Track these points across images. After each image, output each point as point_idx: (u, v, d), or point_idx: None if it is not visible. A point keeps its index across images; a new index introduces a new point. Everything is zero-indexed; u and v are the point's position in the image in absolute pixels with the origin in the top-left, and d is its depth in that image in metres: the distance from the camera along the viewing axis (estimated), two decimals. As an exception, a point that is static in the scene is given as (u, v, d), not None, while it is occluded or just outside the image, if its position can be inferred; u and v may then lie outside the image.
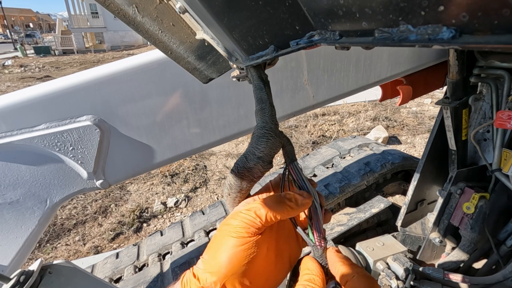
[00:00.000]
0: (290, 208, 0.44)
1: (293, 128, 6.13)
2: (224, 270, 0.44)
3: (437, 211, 1.37)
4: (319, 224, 0.46)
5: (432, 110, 6.74)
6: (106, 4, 0.50)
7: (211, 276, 0.44)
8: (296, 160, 0.49)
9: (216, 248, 0.46)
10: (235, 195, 0.50)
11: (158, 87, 0.98)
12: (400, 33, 0.22)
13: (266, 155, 0.45)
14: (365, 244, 1.49)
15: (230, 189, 0.50)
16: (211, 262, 0.45)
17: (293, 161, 0.48)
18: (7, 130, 0.85)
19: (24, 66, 16.11)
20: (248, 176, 0.47)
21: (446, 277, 1.18)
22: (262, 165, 0.45)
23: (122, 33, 26.90)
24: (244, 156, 0.47)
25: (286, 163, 0.50)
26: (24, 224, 0.91)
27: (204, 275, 0.45)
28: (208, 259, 0.46)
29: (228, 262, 0.43)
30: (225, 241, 0.45)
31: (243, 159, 0.47)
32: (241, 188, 0.49)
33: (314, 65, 1.18)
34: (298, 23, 0.32)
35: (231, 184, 0.49)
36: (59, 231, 3.68)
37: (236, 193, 0.50)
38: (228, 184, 0.50)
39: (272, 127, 0.45)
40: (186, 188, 4.40)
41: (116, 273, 1.69)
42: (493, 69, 1.13)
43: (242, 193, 0.50)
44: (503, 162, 1.15)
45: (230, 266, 0.43)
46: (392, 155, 2.18)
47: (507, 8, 0.15)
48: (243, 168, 0.46)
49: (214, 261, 0.45)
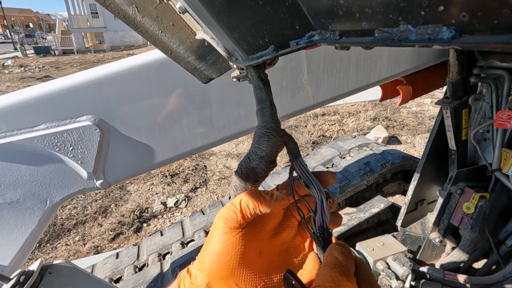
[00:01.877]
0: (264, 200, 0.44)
1: (293, 128, 6.13)
2: (208, 268, 0.44)
3: (437, 211, 1.37)
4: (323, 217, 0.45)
5: (432, 110, 6.74)
6: (106, 4, 0.50)
7: (199, 273, 0.45)
8: (300, 156, 0.49)
9: (205, 244, 0.47)
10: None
11: (158, 87, 0.98)
12: (400, 33, 0.22)
13: (268, 154, 0.45)
14: (365, 244, 1.49)
15: (236, 190, 0.50)
16: (200, 259, 0.46)
17: (297, 157, 0.48)
18: (7, 130, 0.85)
19: (24, 66, 16.11)
20: (252, 177, 0.47)
21: (446, 277, 1.18)
22: (265, 165, 0.45)
23: (122, 33, 26.89)
24: (247, 157, 0.47)
25: (290, 160, 0.50)
26: (24, 224, 0.91)
27: (195, 271, 0.46)
28: (199, 255, 0.47)
29: (211, 259, 0.44)
30: (211, 237, 0.46)
31: (246, 160, 0.47)
32: (247, 189, 0.49)
33: (314, 65, 1.18)
34: (298, 23, 0.32)
35: (236, 186, 0.49)
36: (59, 231, 3.68)
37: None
38: (233, 186, 0.50)
39: (273, 126, 0.45)
40: (186, 188, 4.40)
41: (116, 273, 1.69)
42: (493, 69, 1.13)
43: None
44: (503, 162, 1.15)
45: (212, 263, 0.43)
46: (392, 155, 2.18)
47: (507, 8, 0.15)
48: (247, 169, 0.47)
49: (202, 258, 0.45)
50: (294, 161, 0.48)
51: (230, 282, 0.43)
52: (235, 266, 0.43)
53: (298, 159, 0.48)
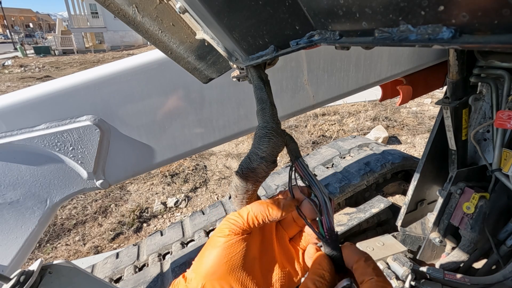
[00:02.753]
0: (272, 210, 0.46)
1: (293, 128, 6.13)
2: (204, 269, 0.44)
3: (437, 211, 1.37)
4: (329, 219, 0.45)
5: (432, 110, 6.74)
6: (106, 4, 0.50)
7: (195, 276, 0.45)
8: (301, 156, 0.49)
9: (204, 247, 0.47)
10: (242, 197, 0.51)
11: (158, 87, 0.98)
12: (400, 33, 0.22)
13: (269, 154, 0.45)
14: (365, 244, 1.49)
15: (237, 190, 0.50)
16: (196, 262, 0.47)
17: (298, 158, 0.49)
18: (7, 130, 0.85)
19: (24, 66, 16.11)
20: (253, 177, 0.47)
21: (446, 277, 1.18)
22: (266, 165, 0.45)
23: (122, 33, 26.89)
24: (248, 157, 0.47)
25: (291, 161, 0.50)
26: (24, 224, 0.91)
27: (190, 275, 0.46)
28: (196, 259, 0.47)
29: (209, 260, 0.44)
30: (212, 239, 0.47)
31: (247, 160, 0.47)
32: (247, 189, 0.49)
33: (314, 65, 1.18)
34: (298, 23, 0.32)
35: (237, 186, 0.49)
36: (59, 231, 3.68)
37: (243, 194, 0.50)
38: (234, 186, 0.50)
39: (273, 126, 0.45)
40: (186, 188, 4.40)
41: (116, 273, 1.69)
42: (493, 69, 1.13)
43: (249, 193, 0.50)
44: (503, 162, 1.15)
45: (211, 265, 0.44)
46: (392, 155, 2.18)
47: (507, 8, 0.15)
48: (247, 169, 0.47)
49: (199, 260, 0.46)
50: (295, 161, 0.48)
51: (225, 283, 0.44)
52: (233, 268, 0.44)
53: (299, 160, 0.48)
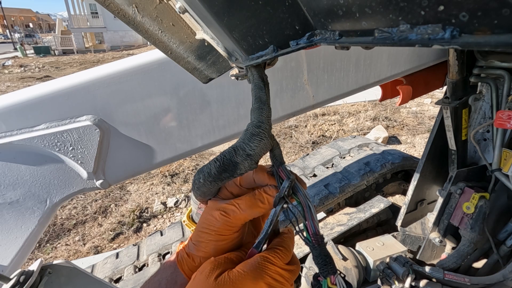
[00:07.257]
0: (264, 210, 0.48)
1: (293, 128, 6.13)
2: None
3: (437, 211, 1.37)
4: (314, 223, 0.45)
5: (432, 110, 6.74)
6: (106, 4, 0.50)
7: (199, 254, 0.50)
8: (284, 163, 0.49)
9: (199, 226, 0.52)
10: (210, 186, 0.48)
11: (158, 87, 0.98)
12: (400, 33, 0.22)
13: (256, 154, 0.44)
14: (365, 244, 1.49)
15: (209, 176, 0.47)
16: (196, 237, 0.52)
17: (282, 164, 0.48)
18: (7, 130, 0.85)
19: (24, 66, 16.11)
20: (230, 171, 0.45)
21: (446, 277, 1.18)
22: (249, 163, 0.44)
23: (122, 33, 26.89)
24: (233, 149, 0.45)
25: (273, 165, 0.49)
26: (24, 224, 0.91)
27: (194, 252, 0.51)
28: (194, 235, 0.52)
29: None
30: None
31: (232, 152, 0.45)
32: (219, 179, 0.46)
33: (314, 65, 1.17)
34: (298, 23, 0.33)
35: (210, 173, 0.46)
36: (59, 231, 3.68)
37: (212, 183, 0.47)
38: (207, 172, 0.47)
39: (267, 127, 0.45)
40: (186, 188, 4.40)
41: (116, 273, 1.69)
42: (493, 69, 1.13)
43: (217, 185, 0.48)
44: (503, 162, 1.15)
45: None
46: (392, 155, 2.18)
47: (507, 8, 0.15)
48: (229, 161, 0.45)
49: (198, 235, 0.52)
50: (279, 167, 0.48)
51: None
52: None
53: (283, 166, 0.48)
